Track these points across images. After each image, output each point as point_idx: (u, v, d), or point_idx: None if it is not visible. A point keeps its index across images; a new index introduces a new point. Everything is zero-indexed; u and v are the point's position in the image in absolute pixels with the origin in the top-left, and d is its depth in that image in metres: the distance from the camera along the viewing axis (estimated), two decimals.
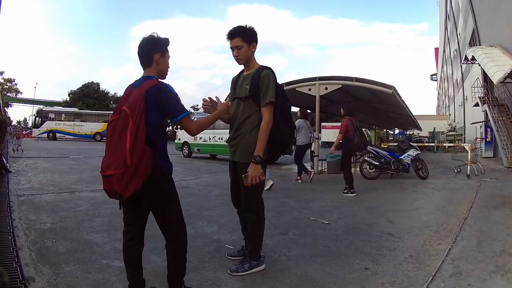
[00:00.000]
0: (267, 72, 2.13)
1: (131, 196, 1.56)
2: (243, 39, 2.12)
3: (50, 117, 27.24)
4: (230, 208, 4.18)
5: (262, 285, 2.05)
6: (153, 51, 1.74)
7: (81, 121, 27.76)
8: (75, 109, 30.55)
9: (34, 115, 28.50)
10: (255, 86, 2.10)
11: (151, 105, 1.61)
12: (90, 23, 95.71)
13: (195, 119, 1.86)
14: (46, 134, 26.29)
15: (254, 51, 2.19)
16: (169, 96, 1.67)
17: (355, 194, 5.19)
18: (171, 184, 1.77)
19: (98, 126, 27.38)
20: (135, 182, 1.54)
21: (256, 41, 2.17)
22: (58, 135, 26.53)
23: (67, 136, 26.73)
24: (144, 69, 1.79)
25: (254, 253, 2.25)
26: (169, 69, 1.85)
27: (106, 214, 3.63)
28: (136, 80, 1.77)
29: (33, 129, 27.00)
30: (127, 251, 1.75)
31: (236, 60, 2.19)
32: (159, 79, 1.75)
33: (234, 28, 2.13)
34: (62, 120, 27.33)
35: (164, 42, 1.78)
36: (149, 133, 1.59)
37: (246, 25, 2.14)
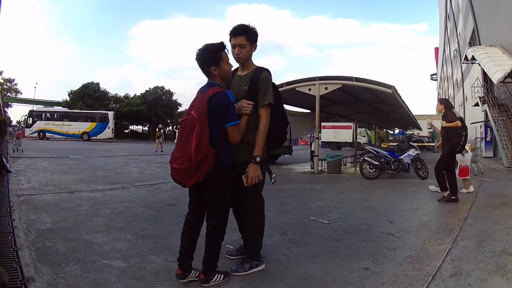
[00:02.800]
0: (266, 75, 2.15)
1: (194, 186, 1.88)
2: (247, 38, 2.12)
3: (42, 117, 28.07)
4: (230, 208, 4.19)
5: (262, 285, 2.05)
6: (208, 66, 1.95)
7: (70, 121, 28.30)
8: (64, 109, 31.23)
9: (25, 115, 29.11)
10: (254, 89, 2.12)
11: (214, 110, 1.85)
12: (90, 23, 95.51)
13: None
14: (37, 133, 27.03)
15: (253, 51, 2.19)
16: (228, 104, 1.89)
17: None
18: (228, 181, 2.00)
19: (85, 126, 27.98)
20: (197, 176, 1.83)
21: (257, 43, 2.18)
22: (48, 134, 27.28)
23: (56, 136, 27.37)
24: (207, 77, 2.01)
25: (254, 252, 2.26)
26: (231, 69, 2.08)
27: (106, 214, 3.63)
28: (203, 86, 2.01)
29: (25, 129, 27.33)
30: (184, 227, 2.05)
31: (236, 58, 2.17)
32: (223, 83, 2.00)
33: (239, 25, 2.13)
34: (51, 120, 28.00)
35: (216, 53, 1.95)
36: (212, 135, 1.84)
37: (250, 25, 2.14)
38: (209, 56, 1.95)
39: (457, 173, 5.26)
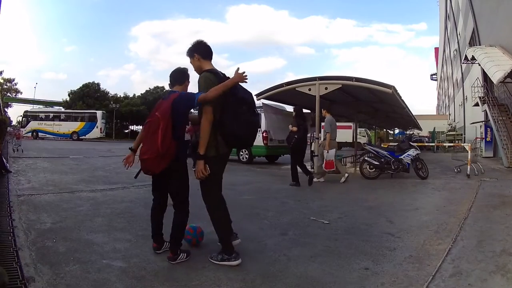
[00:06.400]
0: (201, 76, 2.36)
1: (158, 177, 2.40)
2: (188, 56, 2.48)
3: (36, 117, 28.80)
4: (230, 208, 4.16)
5: (262, 285, 2.05)
6: (186, 78, 2.59)
7: (60, 121, 28.85)
8: (56, 110, 32.11)
9: (20, 115, 29.86)
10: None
11: (177, 109, 2.26)
12: (90, 23, 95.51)
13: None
14: (31, 133, 27.64)
15: (199, 59, 2.43)
16: (187, 97, 2.33)
17: None
18: (186, 168, 2.43)
19: (74, 126, 28.40)
20: (163, 163, 2.23)
21: (198, 51, 2.43)
22: (40, 134, 27.93)
23: (48, 135, 27.90)
24: (173, 86, 2.54)
25: (223, 246, 2.37)
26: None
27: (106, 214, 3.63)
28: (167, 93, 2.49)
29: (20, 129, 27.71)
30: (152, 213, 2.52)
31: None
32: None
33: None
34: (43, 120, 28.66)
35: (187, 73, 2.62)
36: (174, 130, 2.22)
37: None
38: (188, 74, 2.59)
39: (323, 166, 6.72)
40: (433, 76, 58.77)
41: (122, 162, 2.58)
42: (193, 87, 2.62)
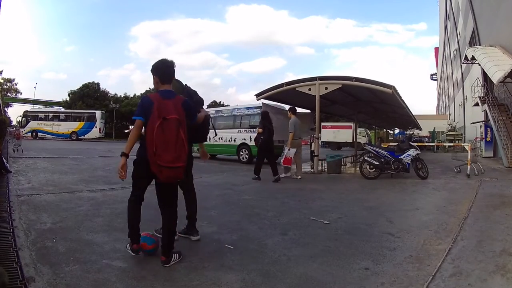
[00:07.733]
0: None
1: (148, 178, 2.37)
2: None
3: (35, 117, 28.93)
4: (230, 208, 4.19)
5: (262, 285, 2.05)
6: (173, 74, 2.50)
7: (59, 121, 28.97)
8: (55, 110, 32.21)
9: (20, 115, 30.01)
10: None
11: (187, 114, 2.27)
12: (90, 23, 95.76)
13: None
14: (30, 133, 27.79)
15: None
16: (193, 111, 2.44)
17: None
18: None
19: (73, 126, 28.50)
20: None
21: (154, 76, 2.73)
22: (39, 134, 28.07)
23: (47, 136, 28.04)
24: (165, 83, 2.37)
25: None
26: None
27: (106, 214, 3.62)
28: (163, 92, 2.30)
29: (20, 129, 27.76)
30: (135, 207, 2.44)
31: None
32: None
33: None
34: (43, 120, 28.77)
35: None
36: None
37: None
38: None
39: (281, 161, 7.48)
40: (433, 76, 58.76)
41: (117, 174, 2.27)
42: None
